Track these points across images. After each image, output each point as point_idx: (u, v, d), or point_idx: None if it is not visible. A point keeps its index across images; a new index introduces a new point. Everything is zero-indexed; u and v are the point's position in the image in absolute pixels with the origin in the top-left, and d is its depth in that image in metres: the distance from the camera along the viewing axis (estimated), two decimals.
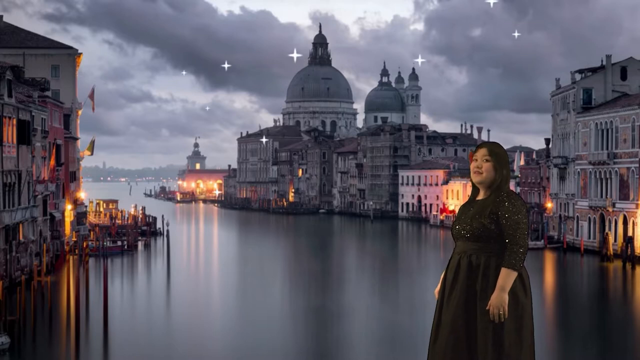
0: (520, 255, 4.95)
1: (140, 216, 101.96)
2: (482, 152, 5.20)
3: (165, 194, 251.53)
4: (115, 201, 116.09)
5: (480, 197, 5.24)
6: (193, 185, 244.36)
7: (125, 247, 75.28)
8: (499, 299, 4.91)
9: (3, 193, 49.16)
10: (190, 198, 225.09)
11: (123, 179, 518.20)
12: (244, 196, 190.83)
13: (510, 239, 4.98)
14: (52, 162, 60.67)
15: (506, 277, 4.92)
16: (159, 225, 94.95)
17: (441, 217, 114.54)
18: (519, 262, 4.94)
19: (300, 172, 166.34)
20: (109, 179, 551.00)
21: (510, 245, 4.97)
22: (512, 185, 55.68)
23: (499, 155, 5.17)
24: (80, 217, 76.14)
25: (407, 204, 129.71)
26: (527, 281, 5.09)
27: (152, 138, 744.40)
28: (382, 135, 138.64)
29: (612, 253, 64.87)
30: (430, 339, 5.20)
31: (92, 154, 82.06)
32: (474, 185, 5.29)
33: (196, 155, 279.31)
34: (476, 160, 5.20)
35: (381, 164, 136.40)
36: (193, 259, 76.98)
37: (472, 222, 5.09)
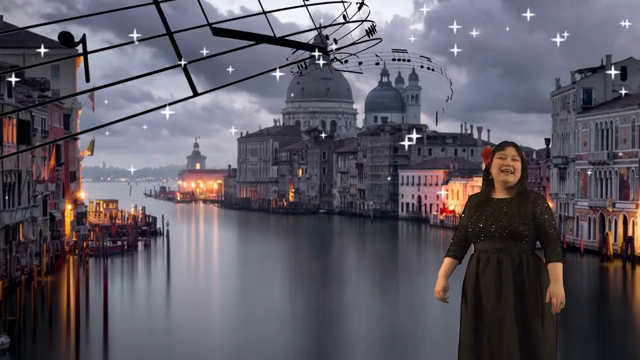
0: (560, 249, 5.24)
1: (140, 216, 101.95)
2: (511, 151, 5.26)
3: (165, 194, 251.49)
4: (115, 201, 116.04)
5: (501, 195, 5.27)
6: (193, 185, 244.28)
7: (125, 247, 75.29)
8: (561, 291, 5.13)
9: (3, 193, 49.16)
10: (190, 198, 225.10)
11: (123, 179, 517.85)
12: (244, 196, 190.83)
13: (550, 235, 5.23)
14: (52, 162, 60.68)
15: (559, 270, 5.16)
16: (159, 225, 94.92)
17: (441, 217, 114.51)
18: (561, 255, 5.20)
19: (300, 172, 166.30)
20: (109, 179, 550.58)
21: (552, 241, 5.23)
22: None
23: (522, 155, 5.32)
24: (80, 217, 76.13)
25: (407, 204, 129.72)
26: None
27: (152, 138, 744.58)
28: (382, 135, 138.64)
29: (612, 253, 64.85)
30: (464, 339, 5.21)
31: (92, 154, 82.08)
32: (488, 183, 5.31)
33: (196, 155, 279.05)
34: (504, 158, 5.23)
35: (381, 164, 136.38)
36: (193, 259, 76.93)
37: (512, 222, 5.16)
